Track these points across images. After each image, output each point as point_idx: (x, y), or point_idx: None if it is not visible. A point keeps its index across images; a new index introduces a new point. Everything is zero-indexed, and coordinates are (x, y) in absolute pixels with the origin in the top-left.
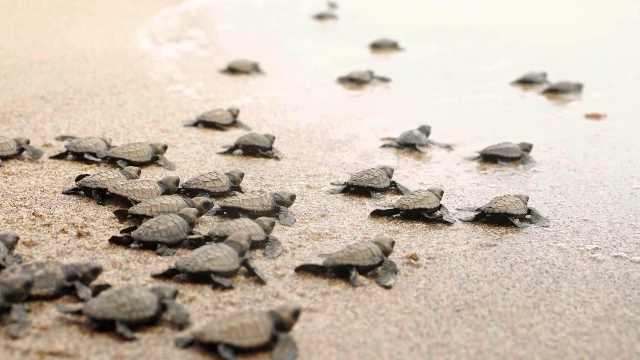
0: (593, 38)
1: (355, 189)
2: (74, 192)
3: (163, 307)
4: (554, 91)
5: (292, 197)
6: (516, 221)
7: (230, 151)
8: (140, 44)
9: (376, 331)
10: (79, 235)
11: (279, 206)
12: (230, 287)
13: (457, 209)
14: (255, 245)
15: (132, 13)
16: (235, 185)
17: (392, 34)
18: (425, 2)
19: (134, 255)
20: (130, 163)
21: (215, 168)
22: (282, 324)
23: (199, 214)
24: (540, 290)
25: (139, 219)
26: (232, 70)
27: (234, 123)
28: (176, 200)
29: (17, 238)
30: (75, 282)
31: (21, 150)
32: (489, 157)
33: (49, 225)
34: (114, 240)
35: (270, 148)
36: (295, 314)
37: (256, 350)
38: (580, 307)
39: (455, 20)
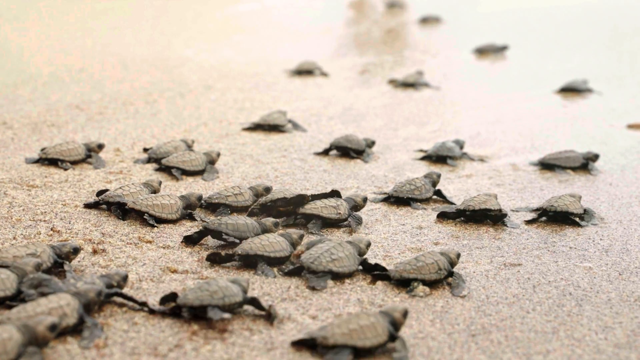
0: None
1: (396, 200)
2: (95, 205)
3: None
4: None
5: (364, 200)
6: (576, 219)
7: (325, 152)
8: (181, 50)
9: None
10: (94, 252)
11: (352, 212)
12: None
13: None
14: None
15: (177, 18)
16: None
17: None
18: None
19: (147, 274)
20: (184, 172)
21: (241, 181)
22: (395, 324)
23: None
24: (561, 314)
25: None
26: (300, 72)
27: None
28: None
29: (75, 249)
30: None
31: (89, 155)
32: (547, 166)
33: (66, 241)
34: (211, 259)
35: (364, 151)
36: (405, 313)
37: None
38: (602, 332)
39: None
